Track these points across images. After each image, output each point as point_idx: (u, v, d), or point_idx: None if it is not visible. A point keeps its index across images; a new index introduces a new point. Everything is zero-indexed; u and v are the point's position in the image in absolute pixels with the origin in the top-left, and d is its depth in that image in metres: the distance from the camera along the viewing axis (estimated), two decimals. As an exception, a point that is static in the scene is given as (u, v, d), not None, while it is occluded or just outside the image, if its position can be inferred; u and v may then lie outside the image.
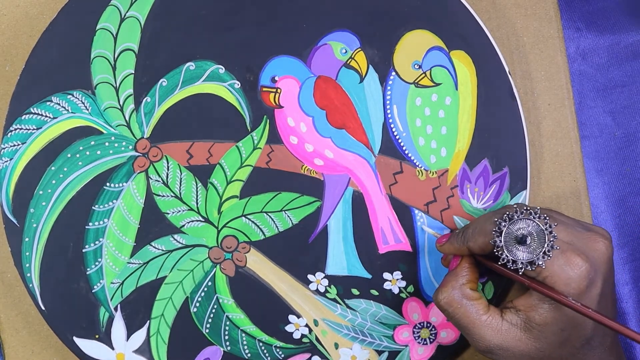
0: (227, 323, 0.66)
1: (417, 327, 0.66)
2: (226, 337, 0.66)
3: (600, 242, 0.58)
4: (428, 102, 0.65)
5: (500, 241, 0.57)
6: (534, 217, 0.56)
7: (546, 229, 0.56)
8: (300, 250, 0.66)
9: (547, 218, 0.57)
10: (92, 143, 0.65)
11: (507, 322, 0.58)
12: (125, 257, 0.65)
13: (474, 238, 0.59)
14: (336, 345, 0.66)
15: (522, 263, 0.56)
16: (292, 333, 0.66)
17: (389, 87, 0.65)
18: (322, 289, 0.66)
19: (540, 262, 0.56)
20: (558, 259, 0.56)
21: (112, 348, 0.66)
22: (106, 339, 0.65)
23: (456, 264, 0.61)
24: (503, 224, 0.57)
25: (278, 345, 0.66)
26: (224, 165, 0.66)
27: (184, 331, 0.66)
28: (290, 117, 0.65)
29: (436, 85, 0.65)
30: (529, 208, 0.57)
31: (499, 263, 0.57)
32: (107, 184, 0.65)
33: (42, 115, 0.65)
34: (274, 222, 0.66)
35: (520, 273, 0.57)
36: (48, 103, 0.65)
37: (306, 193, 0.66)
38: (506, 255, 0.56)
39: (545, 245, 0.56)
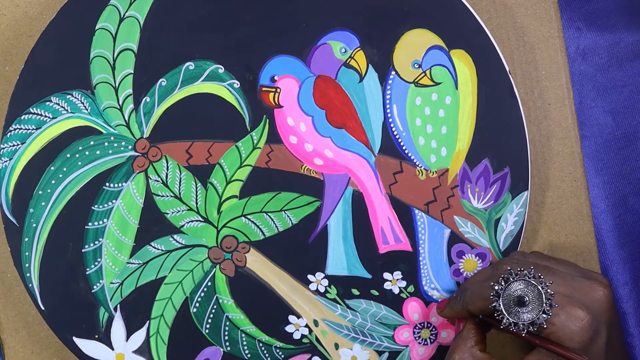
0: (227, 323, 0.66)
1: (417, 328, 0.66)
2: (226, 338, 0.66)
3: (599, 290, 0.58)
4: (428, 102, 0.65)
5: (499, 305, 0.57)
6: (528, 277, 0.57)
7: (542, 287, 0.56)
8: (300, 250, 0.65)
9: (542, 276, 0.57)
10: (92, 143, 0.65)
11: None
12: (125, 257, 0.65)
13: (472, 302, 0.60)
14: (336, 346, 0.66)
15: (523, 325, 0.56)
16: (292, 333, 0.66)
17: (388, 87, 0.65)
18: (322, 289, 0.66)
19: (541, 321, 0.56)
20: (559, 315, 0.56)
21: (112, 348, 0.65)
22: (106, 339, 0.65)
23: (461, 326, 0.62)
24: (499, 287, 0.57)
25: (278, 346, 0.66)
26: (223, 165, 0.65)
27: (184, 331, 0.66)
28: (290, 116, 0.65)
29: (436, 85, 0.65)
30: (522, 268, 0.58)
31: (502, 326, 0.57)
32: (107, 184, 0.65)
33: (41, 115, 0.65)
34: (273, 222, 0.66)
35: (524, 335, 0.57)
36: (47, 103, 0.65)
37: (306, 193, 0.65)
38: (507, 319, 0.57)
39: (544, 305, 0.56)
